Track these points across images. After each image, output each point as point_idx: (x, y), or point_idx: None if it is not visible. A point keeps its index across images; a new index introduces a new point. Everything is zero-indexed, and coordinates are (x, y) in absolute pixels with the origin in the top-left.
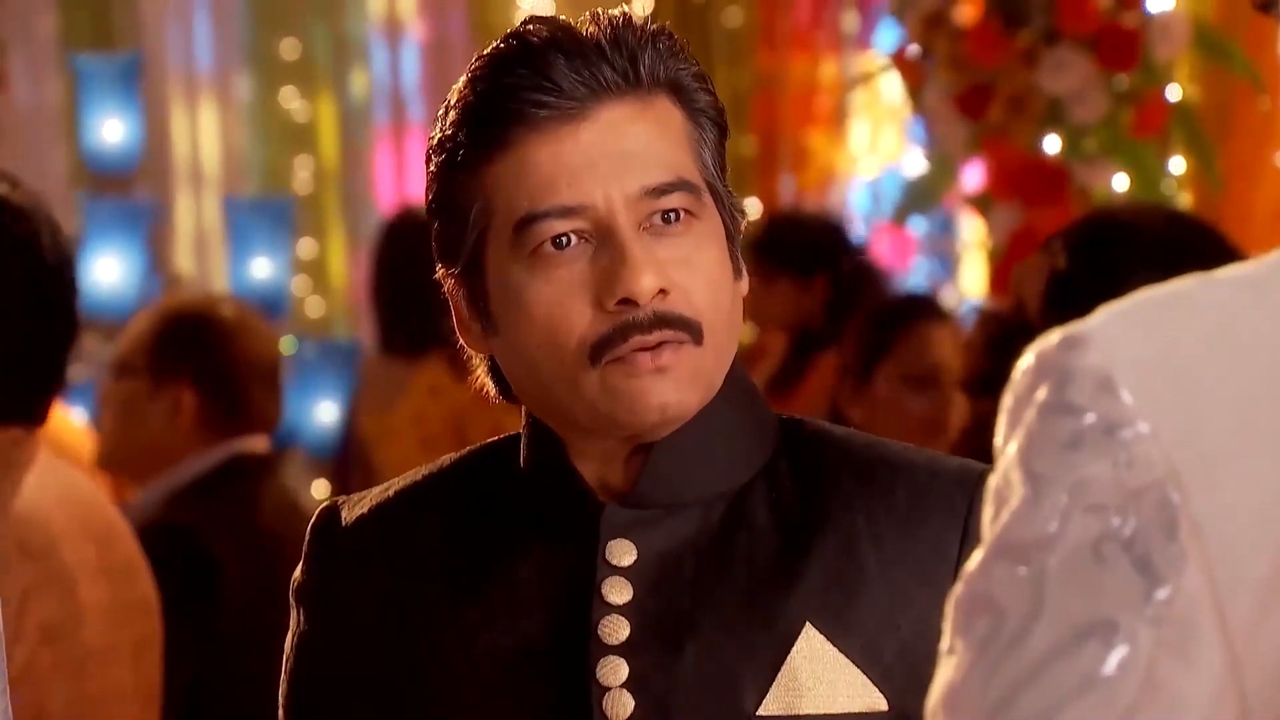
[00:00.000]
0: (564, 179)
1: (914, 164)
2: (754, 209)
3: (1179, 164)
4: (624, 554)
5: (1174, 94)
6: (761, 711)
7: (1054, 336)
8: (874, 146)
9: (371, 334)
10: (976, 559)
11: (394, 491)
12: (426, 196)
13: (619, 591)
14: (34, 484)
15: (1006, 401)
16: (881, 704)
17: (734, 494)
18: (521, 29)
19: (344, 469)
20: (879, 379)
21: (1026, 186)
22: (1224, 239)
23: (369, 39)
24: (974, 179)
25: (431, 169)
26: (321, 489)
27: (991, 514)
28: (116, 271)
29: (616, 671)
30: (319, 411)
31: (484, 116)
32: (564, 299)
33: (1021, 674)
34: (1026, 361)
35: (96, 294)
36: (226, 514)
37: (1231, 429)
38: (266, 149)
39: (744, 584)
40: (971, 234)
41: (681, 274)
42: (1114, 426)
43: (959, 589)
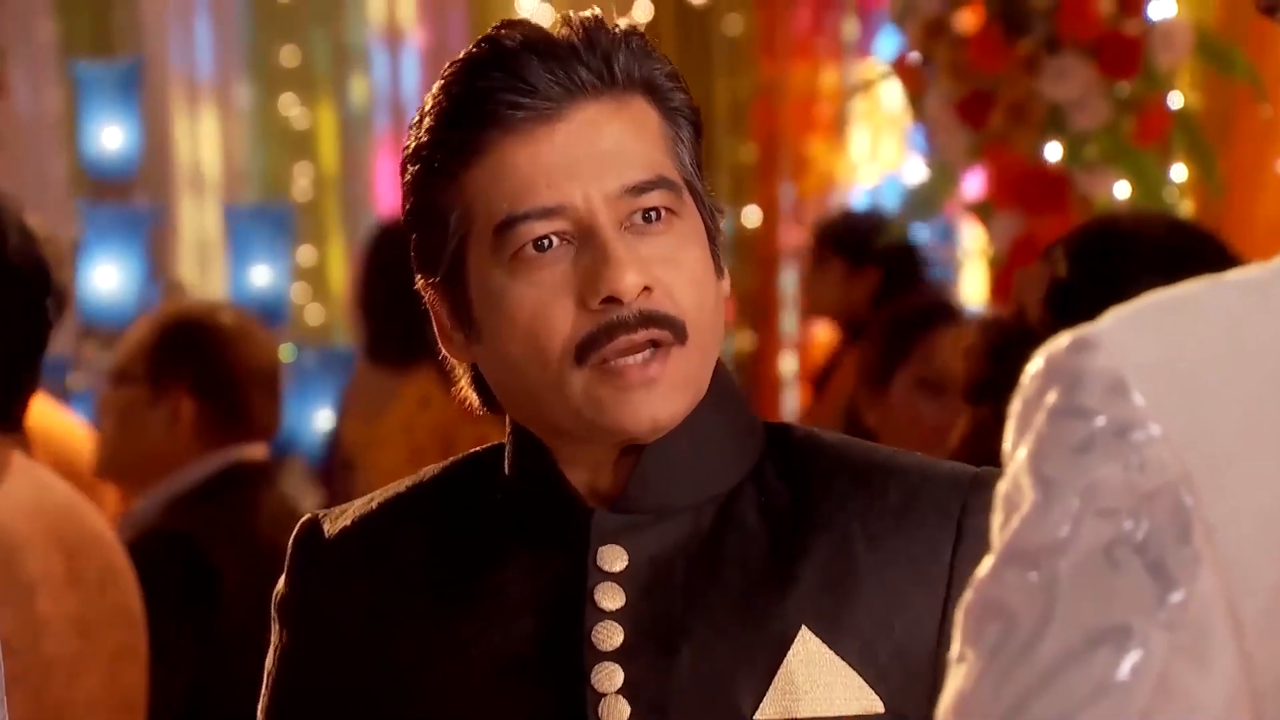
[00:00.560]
0: (543, 180)
1: (914, 171)
2: (753, 216)
3: (1181, 172)
4: (615, 560)
5: (1176, 102)
6: (759, 716)
7: (1063, 339)
8: (874, 154)
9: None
10: (986, 565)
11: (376, 503)
12: (404, 206)
13: (611, 597)
14: (2, 493)
15: (1015, 406)
16: (878, 706)
17: (723, 497)
18: (494, 33)
19: (330, 477)
20: (896, 384)
21: (1028, 194)
22: (1225, 246)
23: (369, 46)
24: (975, 187)
25: (407, 178)
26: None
27: (1001, 520)
28: (116, 279)
29: (612, 678)
30: (318, 419)
31: (459, 121)
32: (547, 300)
33: (1033, 681)
34: (1035, 365)
35: (95, 301)
36: (226, 521)
37: (1240, 432)
38: (266, 156)
39: (736, 587)
40: (972, 242)
41: (665, 272)
42: (1125, 429)
43: (969, 595)
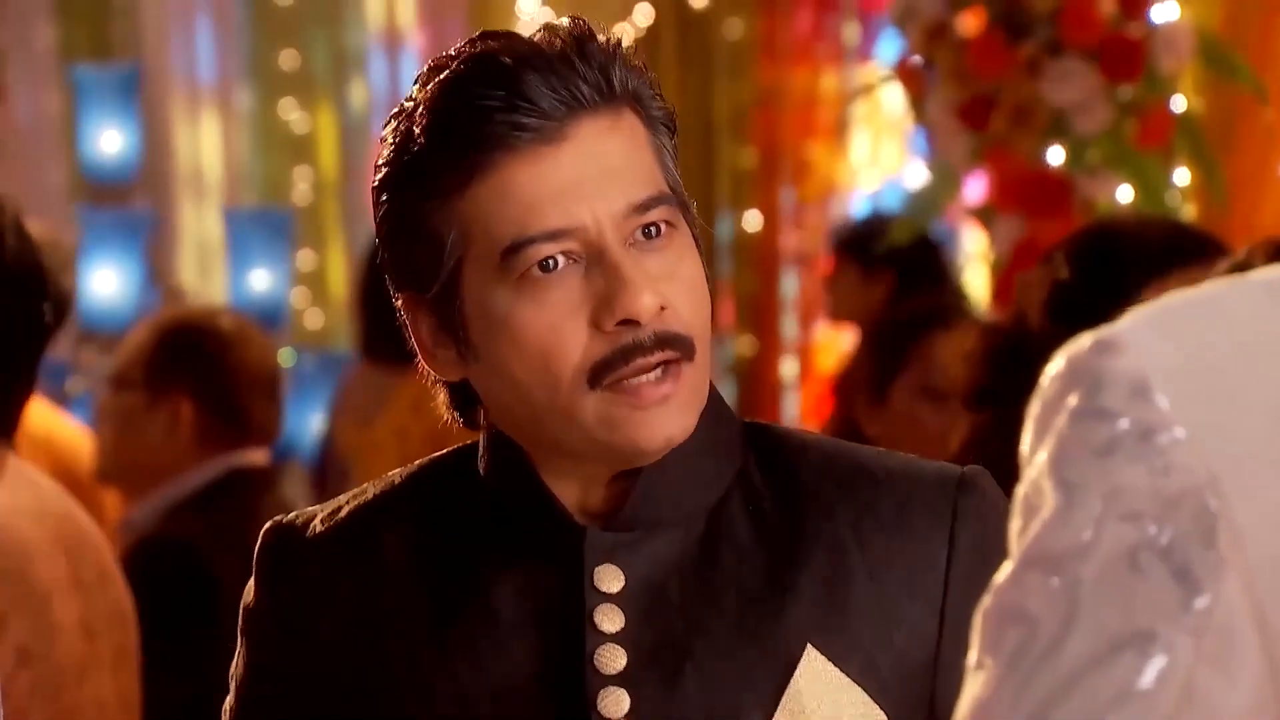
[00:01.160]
0: (550, 201)
1: (916, 175)
2: (754, 221)
3: (1183, 175)
4: (612, 580)
5: (1178, 105)
6: None
7: (1085, 340)
8: (875, 158)
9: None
10: (1005, 570)
11: (346, 511)
12: (384, 222)
13: (611, 619)
14: (5, 499)
15: (1034, 408)
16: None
17: (711, 508)
18: (481, 48)
19: (322, 480)
20: (896, 392)
21: (1029, 198)
22: (1227, 250)
23: (368, 50)
24: (976, 191)
25: (391, 195)
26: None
27: (1020, 524)
28: (115, 283)
29: (618, 702)
30: (317, 424)
31: (458, 141)
32: (557, 323)
33: (1055, 688)
34: (1056, 366)
35: (95, 306)
36: (225, 527)
37: (1266, 433)
38: (266, 160)
39: (734, 606)
40: (974, 246)
41: (670, 288)
42: (1149, 432)
43: (987, 601)
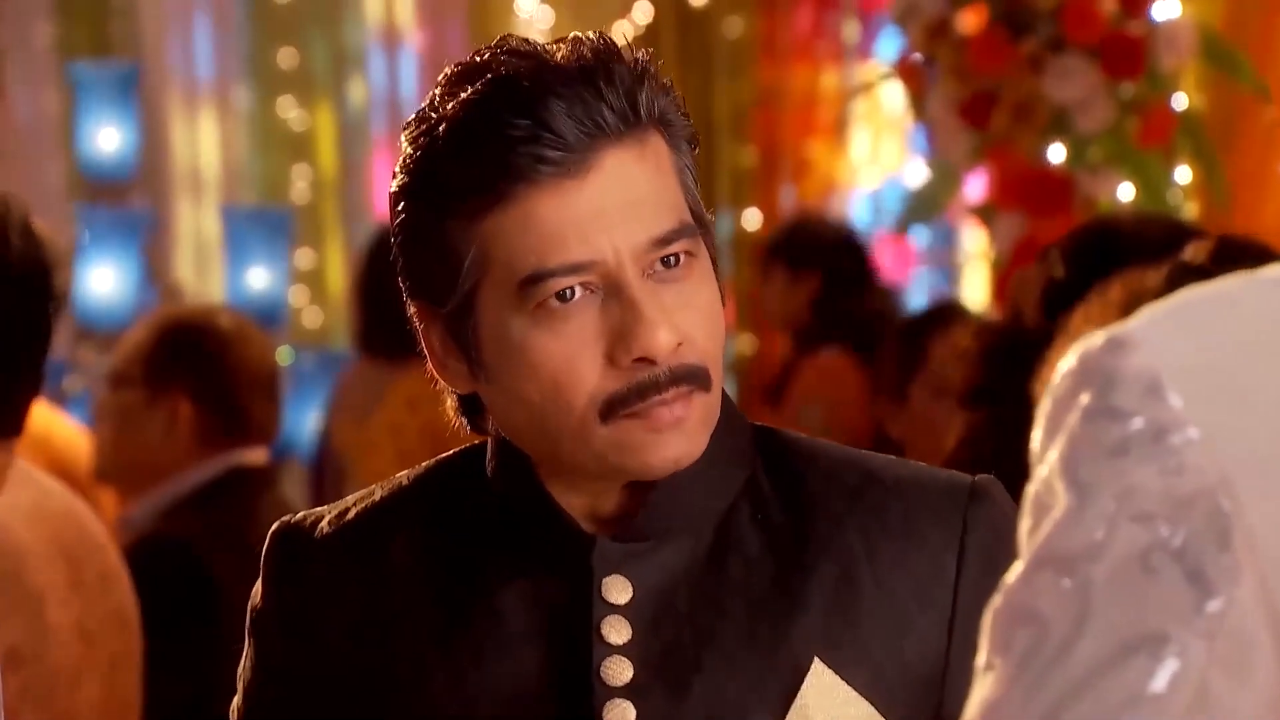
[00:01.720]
0: (572, 234)
1: (916, 174)
2: (754, 219)
3: (1185, 173)
4: (620, 591)
5: (1180, 103)
6: None
7: (1097, 338)
8: (875, 157)
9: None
10: (1016, 570)
11: (354, 512)
12: (401, 231)
13: (618, 631)
14: (4, 502)
15: (1045, 406)
16: None
17: (719, 518)
18: (506, 69)
19: (321, 478)
20: (915, 393)
21: (1031, 196)
22: None
23: (367, 49)
24: (977, 188)
25: (410, 206)
26: (313, 502)
27: (1030, 524)
28: (113, 281)
29: (625, 715)
30: (316, 422)
31: (480, 169)
32: (573, 354)
33: (1065, 690)
34: (1068, 364)
35: (93, 304)
36: (224, 526)
37: None
38: (265, 159)
39: (743, 617)
40: (974, 245)
41: (686, 319)
42: (1162, 432)
43: (998, 601)
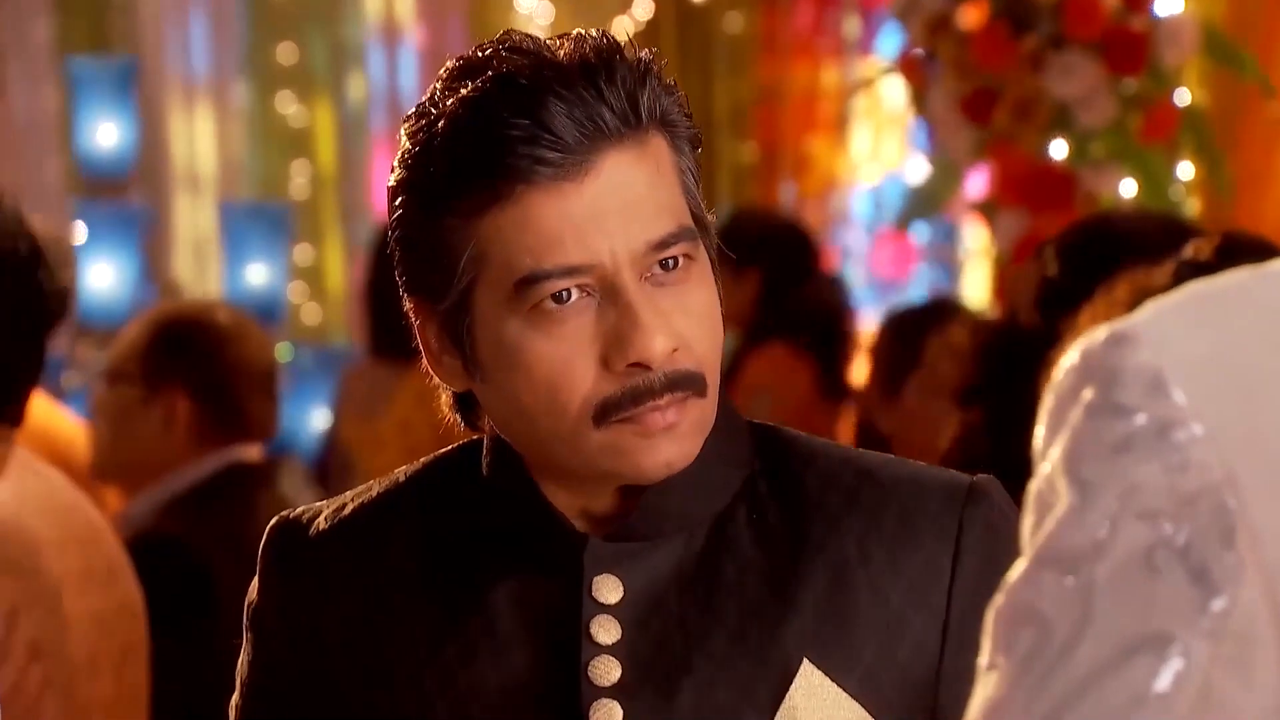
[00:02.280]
0: (570, 236)
1: (917, 170)
2: None
3: (1187, 170)
4: (610, 591)
5: (1182, 99)
6: None
7: (1100, 333)
8: (876, 153)
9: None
10: (1018, 568)
11: (352, 508)
12: (398, 226)
13: (607, 631)
14: (12, 492)
15: (1048, 402)
16: None
17: (715, 518)
18: (507, 66)
19: (327, 477)
20: (908, 391)
21: (1033, 192)
22: None
23: (367, 44)
24: (979, 185)
25: (407, 202)
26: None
27: (1033, 521)
28: (111, 277)
29: (611, 715)
30: (315, 419)
31: (478, 168)
32: (567, 357)
33: (1068, 690)
34: (1071, 360)
35: (90, 300)
36: (222, 523)
37: None
38: (263, 154)
39: (734, 618)
40: (975, 241)
41: (684, 324)
42: (1166, 428)
43: (1000, 599)
